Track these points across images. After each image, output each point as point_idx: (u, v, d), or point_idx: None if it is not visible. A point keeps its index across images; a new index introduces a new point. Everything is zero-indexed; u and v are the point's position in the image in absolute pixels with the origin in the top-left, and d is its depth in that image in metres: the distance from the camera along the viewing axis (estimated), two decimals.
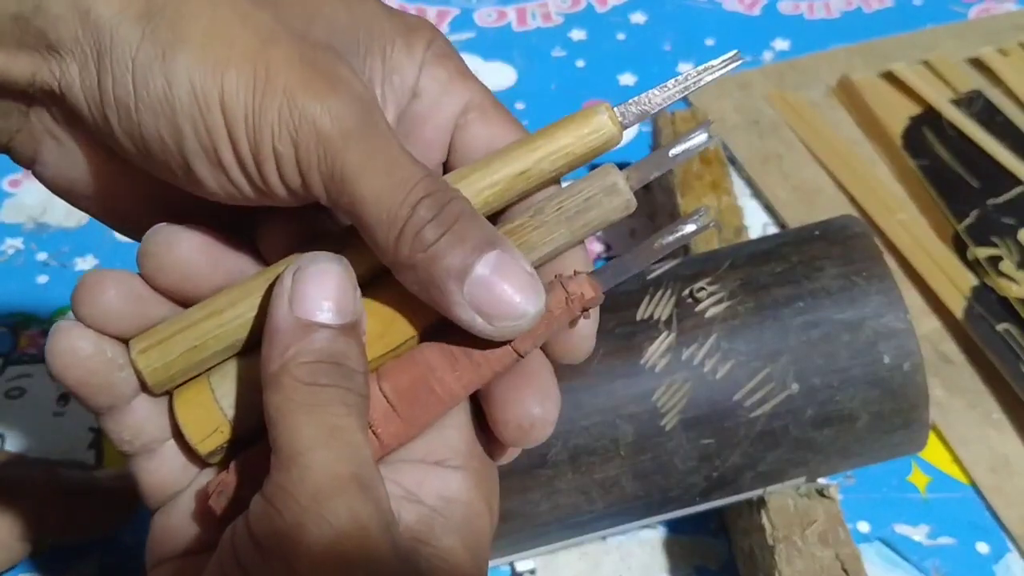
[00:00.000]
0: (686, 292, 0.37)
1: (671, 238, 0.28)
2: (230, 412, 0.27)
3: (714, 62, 0.28)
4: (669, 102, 0.28)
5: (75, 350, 0.26)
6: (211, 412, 0.27)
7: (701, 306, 0.37)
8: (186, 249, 0.27)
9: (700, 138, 0.28)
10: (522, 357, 0.26)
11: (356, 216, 0.25)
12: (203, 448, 0.27)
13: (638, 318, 0.37)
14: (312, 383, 0.24)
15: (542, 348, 0.28)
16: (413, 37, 0.29)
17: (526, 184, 0.27)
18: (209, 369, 0.27)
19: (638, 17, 0.74)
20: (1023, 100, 0.62)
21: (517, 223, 0.27)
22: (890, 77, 0.65)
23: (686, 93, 0.28)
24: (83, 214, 0.58)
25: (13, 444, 0.48)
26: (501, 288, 0.24)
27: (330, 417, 0.23)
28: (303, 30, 0.26)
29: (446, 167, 0.30)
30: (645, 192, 0.60)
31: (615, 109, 0.28)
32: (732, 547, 0.43)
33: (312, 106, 0.24)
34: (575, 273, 0.27)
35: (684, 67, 0.69)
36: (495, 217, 0.28)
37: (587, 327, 0.28)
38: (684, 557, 0.43)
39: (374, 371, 0.27)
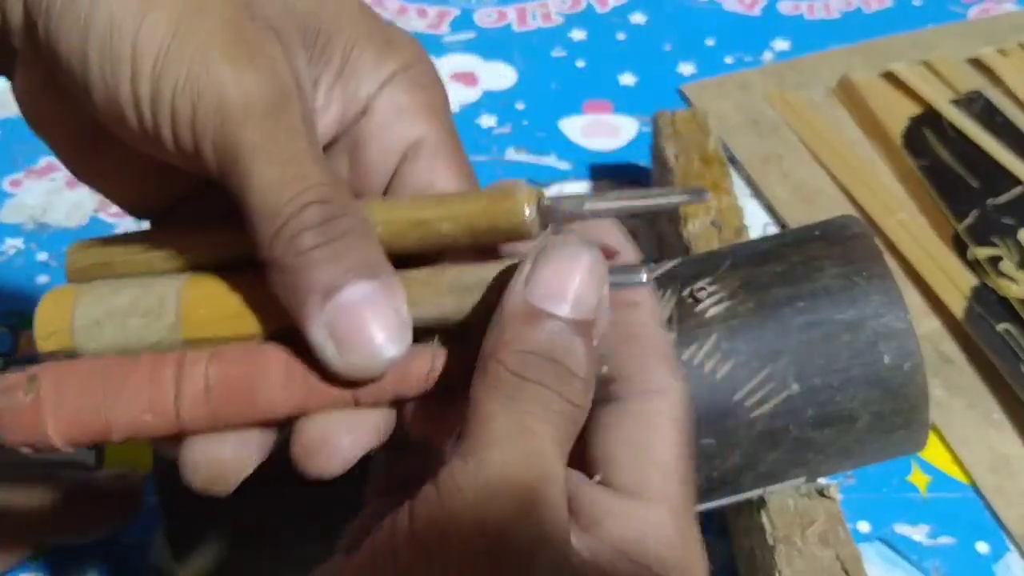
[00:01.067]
0: (686, 292, 0.37)
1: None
2: (79, 323, 0.25)
3: (673, 191, 0.25)
4: (605, 215, 0.25)
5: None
6: (62, 315, 0.25)
7: (701, 306, 0.37)
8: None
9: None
10: (357, 406, 0.24)
11: (240, 198, 0.23)
12: (40, 345, 0.26)
13: None
14: (517, 374, 0.22)
15: None
16: (388, 52, 0.27)
17: (421, 238, 0.25)
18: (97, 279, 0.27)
19: (638, 17, 0.74)
20: (1023, 100, 0.62)
21: (411, 272, 0.25)
22: (890, 77, 0.65)
23: (626, 211, 0.25)
24: (83, 214, 0.59)
25: None
26: (364, 320, 0.22)
27: (525, 416, 0.22)
28: None
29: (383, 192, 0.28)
30: (647, 212, 0.60)
31: (542, 196, 0.25)
32: (732, 547, 0.43)
33: (222, 71, 0.23)
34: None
35: (684, 67, 0.69)
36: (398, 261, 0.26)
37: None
38: None
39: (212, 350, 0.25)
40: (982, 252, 0.53)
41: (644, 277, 0.24)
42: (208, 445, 0.24)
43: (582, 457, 0.25)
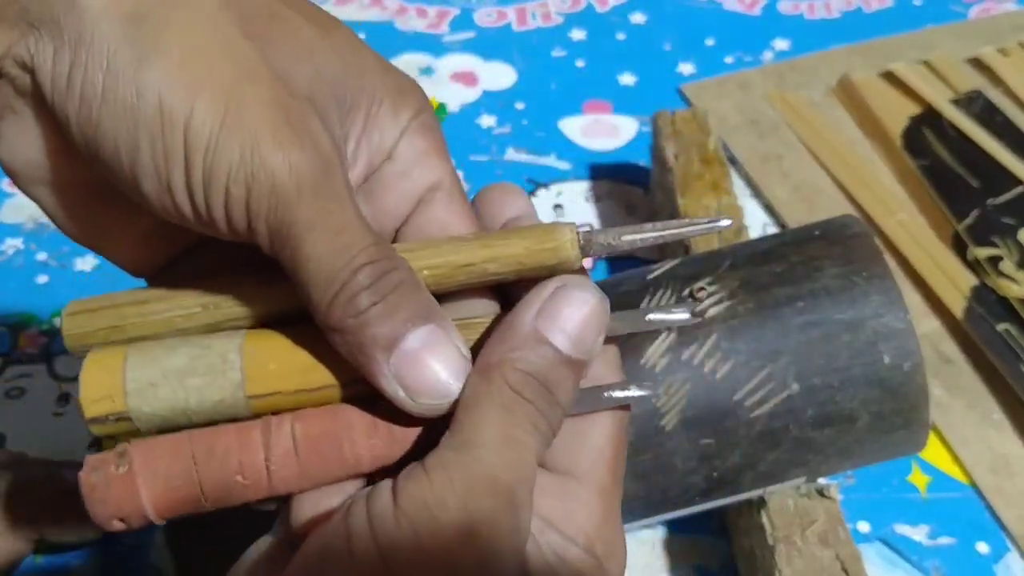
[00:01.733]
0: (686, 292, 0.37)
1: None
2: (132, 386, 0.25)
3: (701, 221, 0.27)
4: (639, 245, 0.27)
5: None
6: (112, 378, 0.25)
7: (701, 306, 0.37)
8: None
9: (681, 315, 0.27)
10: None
11: (294, 272, 0.24)
12: (89, 411, 0.25)
13: None
14: (517, 391, 0.24)
15: None
16: (402, 100, 0.28)
17: (468, 278, 0.26)
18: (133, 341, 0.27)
19: (638, 17, 0.74)
20: (1023, 100, 0.62)
21: (471, 318, 0.27)
22: (890, 77, 0.65)
23: (660, 241, 0.27)
24: None
25: (13, 444, 0.48)
26: (427, 364, 0.24)
27: (516, 429, 0.24)
28: (288, 70, 0.25)
29: (396, 237, 0.29)
30: (645, 193, 0.60)
31: (580, 233, 0.26)
32: (732, 547, 0.43)
33: (274, 155, 0.24)
34: None
35: (684, 67, 0.69)
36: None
37: None
38: (684, 557, 0.43)
39: (291, 409, 0.26)
40: (982, 252, 0.53)
41: (640, 392, 0.26)
42: (318, 499, 0.26)
43: None
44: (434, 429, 0.25)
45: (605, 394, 0.26)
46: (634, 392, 0.26)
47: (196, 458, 0.25)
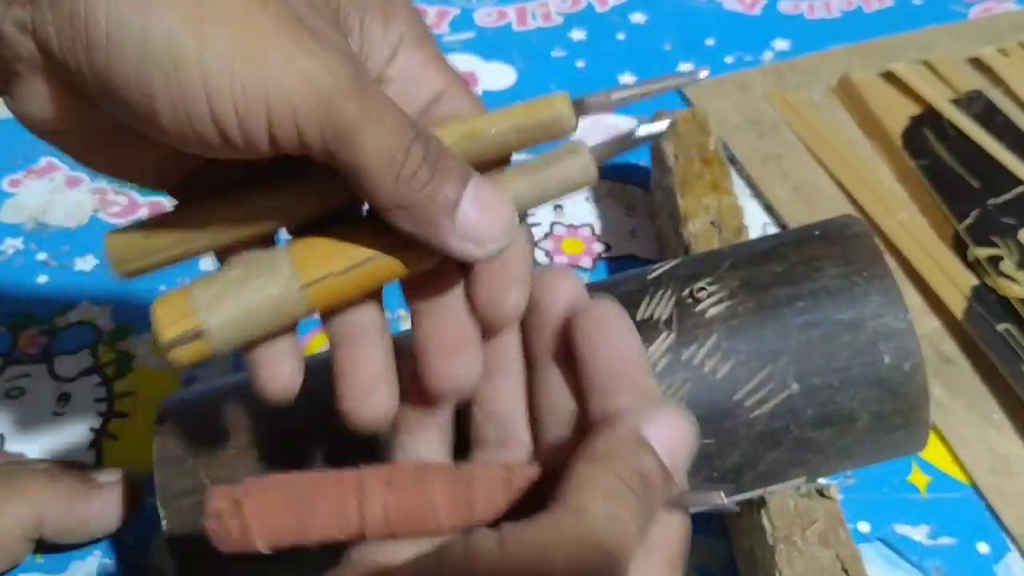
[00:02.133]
0: (686, 292, 0.37)
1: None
2: (201, 303, 0.27)
3: (683, 73, 0.30)
4: (628, 101, 0.29)
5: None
6: (183, 302, 0.27)
7: (701, 306, 0.37)
8: None
9: (661, 125, 0.30)
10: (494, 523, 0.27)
11: (352, 166, 0.25)
12: (166, 334, 0.27)
13: (638, 318, 0.37)
14: (623, 479, 0.25)
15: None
16: (391, 14, 0.29)
17: (474, 145, 0.29)
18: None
19: (638, 17, 0.74)
20: (1023, 100, 0.62)
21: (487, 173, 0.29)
22: (890, 77, 0.65)
23: (645, 96, 0.30)
24: (83, 214, 0.58)
25: (13, 444, 0.48)
26: (484, 215, 0.26)
27: (620, 507, 0.25)
28: None
29: None
30: (645, 193, 0.60)
31: (573, 100, 0.29)
32: (732, 547, 0.43)
33: (308, 63, 0.24)
34: None
35: (684, 67, 0.69)
36: None
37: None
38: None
39: (343, 294, 0.28)
40: (982, 252, 0.53)
41: (724, 499, 0.28)
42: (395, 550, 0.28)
43: None
44: (517, 510, 0.27)
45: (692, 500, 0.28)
46: (718, 501, 0.28)
47: (299, 516, 0.27)
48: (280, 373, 0.29)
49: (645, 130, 0.30)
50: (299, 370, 0.29)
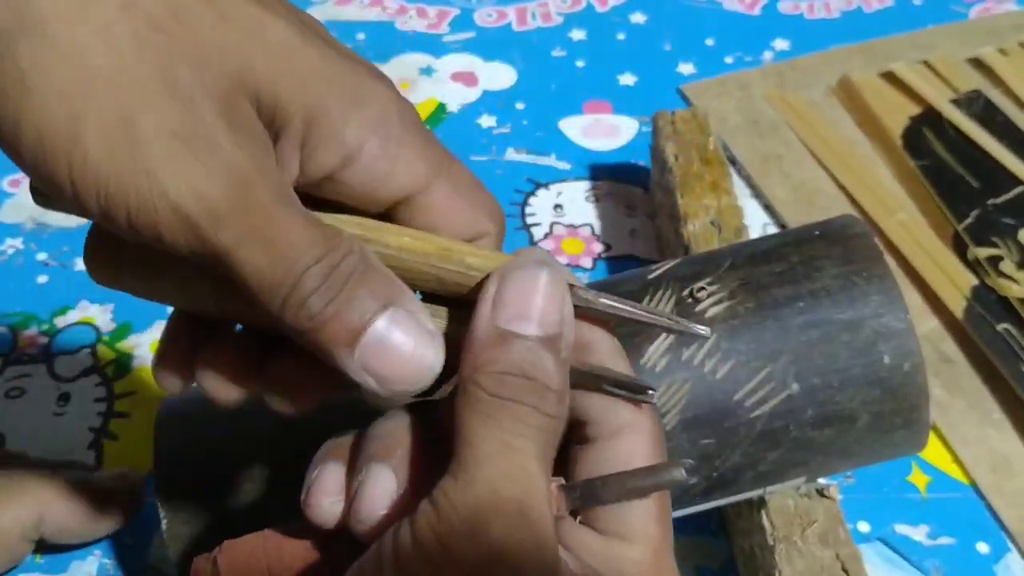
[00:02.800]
0: (686, 292, 0.37)
1: (644, 483, 0.26)
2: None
3: (683, 321, 0.26)
4: (618, 314, 0.26)
5: None
6: None
7: (701, 306, 0.37)
8: None
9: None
10: None
11: (239, 285, 0.23)
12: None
13: None
14: (495, 394, 0.23)
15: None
16: (366, 95, 0.26)
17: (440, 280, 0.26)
18: None
19: (638, 17, 0.74)
20: (1023, 100, 0.62)
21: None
22: (890, 77, 0.65)
23: (633, 319, 0.26)
24: None
25: (13, 444, 0.48)
26: (394, 352, 0.23)
27: (505, 434, 0.23)
28: (201, 73, 0.23)
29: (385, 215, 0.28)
30: (645, 192, 0.60)
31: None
32: (732, 547, 0.43)
33: (177, 188, 0.22)
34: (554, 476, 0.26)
35: (684, 67, 0.69)
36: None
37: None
38: (684, 557, 0.43)
39: None
40: (982, 252, 0.53)
41: (683, 473, 0.25)
42: None
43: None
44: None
45: (636, 482, 0.26)
46: (674, 475, 0.25)
47: (269, 565, 0.27)
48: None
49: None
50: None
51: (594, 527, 0.26)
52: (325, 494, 0.26)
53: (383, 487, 0.25)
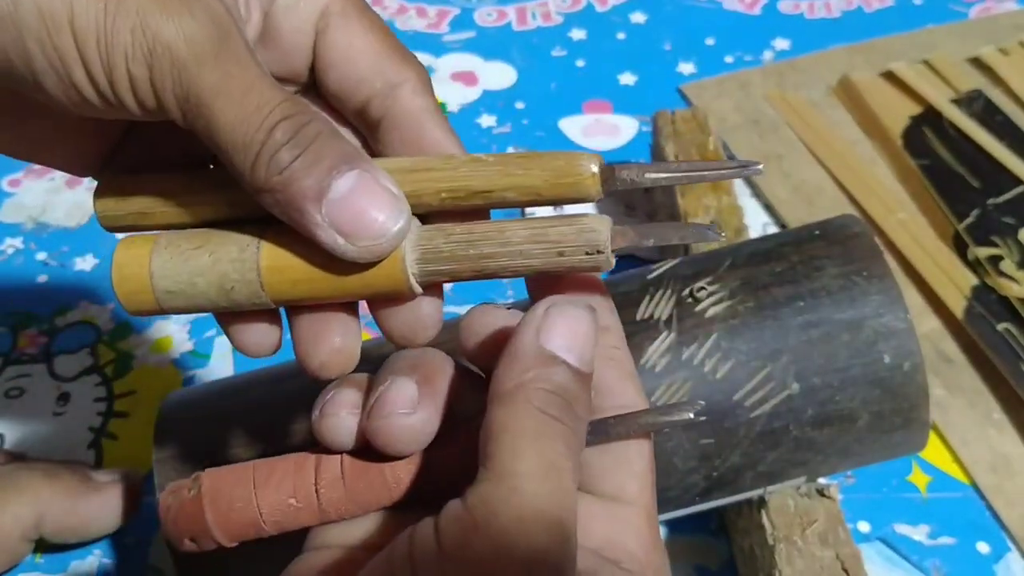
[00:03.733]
0: (686, 292, 0.37)
1: (659, 419, 0.26)
2: (161, 283, 0.27)
3: (731, 164, 0.26)
4: (663, 183, 0.26)
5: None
6: (141, 274, 0.27)
7: (701, 306, 0.37)
8: None
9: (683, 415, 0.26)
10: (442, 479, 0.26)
11: (212, 140, 0.24)
12: (127, 305, 0.27)
13: (638, 318, 0.37)
14: (544, 411, 0.23)
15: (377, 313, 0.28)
16: None
17: (485, 202, 0.26)
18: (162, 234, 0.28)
19: (638, 17, 0.74)
20: (1023, 100, 0.62)
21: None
22: (890, 77, 0.65)
23: (685, 181, 0.26)
24: (83, 214, 0.58)
25: (13, 444, 0.48)
26: (360, 206, 0.24)
27: (552, 453, 0.23)
28: None
29: (315, 74, 0.29)
30: (645, 192, 0.60)
31: (603, 167, 0.26)
32: (732, 547, 0.43)
33: (166, 28, 0.23)
34: None
35: (684, 66, 0.69)
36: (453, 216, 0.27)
37: (431, 310, 0.28)
38: (684, 557, 0.43)
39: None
40: (982, 252, 0.53)
41: (691, 414, 0.26)
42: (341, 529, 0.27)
43: None
44: (466, 454, 0.25)
45: (649, 419, 0.26)
46: (685, 414, 0.26)
47: (256, 482, 0.26)
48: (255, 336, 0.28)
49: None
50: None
51: (591, 491, 0.26)
52: (343, 405, 0.26)
53: (407, 394, 0.26)
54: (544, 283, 0.28)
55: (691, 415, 0.26)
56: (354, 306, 0.28)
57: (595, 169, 0.26)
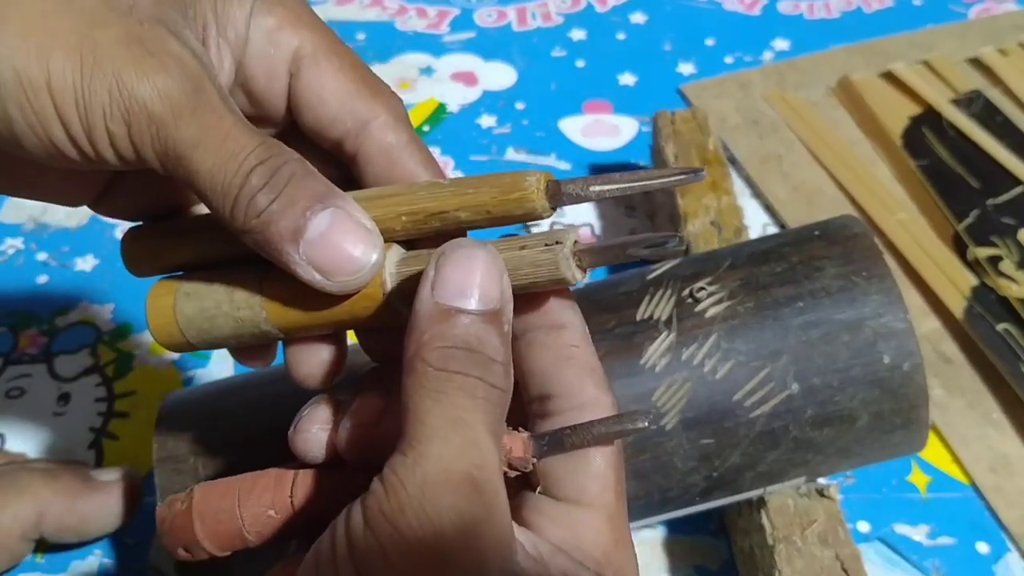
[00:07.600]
0: (686, 292, 0.37)
1: (612, 429, 0.26)
2: (188, 332, 0.29)
3: (673, 171, 0.26)
4: (607, 196, 0.26)
5: None
6: (170, 321, 0.29)
7: (701, 306, 0.37)
8: None
9: (669, 248, 0.26)
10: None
11: (193, 187, 0.25)
12: (168, 348, 0.30)
13: (638, 318, 0.37)
14: (441, 368, 0.23)
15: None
16: None
17: (442, 224, 0.27)
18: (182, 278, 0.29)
19: (638, 17, 0.74)
20: (1023, 100, 0.62)
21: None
22: (890, 77, 0.65)
23: (628, 192, 0.26)
24: (83, 214, 0.58)
25: (13, 444, 0.48)
26: (335, 243, 0.25)
27: (454, 408, 0.23)
28: (131, 3, 0.26)
29: (292, 114, 0.30)
30: (645, 192, 0.60)
31: (548, 182, 0.26)
32: (732, 547, 0.43)
33: (141, 86, 0.24)
34: (517, 429, 0.26)
35: (684, 67, 0.69)
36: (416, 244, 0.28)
37: None
38: (684, 557, 0.43)
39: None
40: (982, 252, 0.53)
41: (645, 423, 0.26)
42: None
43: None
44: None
45: (602, 429, 0.26)
46: (639, 423, 0.26)
47: (240, 495, 0.28)
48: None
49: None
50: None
51: (553, 495, 0.27)
52: (314, 422, 0.28)
53: (375, 406, 0.27)
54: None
55: (645, 423, 0.26)
56: None
57: (539, 184, 0.26)
